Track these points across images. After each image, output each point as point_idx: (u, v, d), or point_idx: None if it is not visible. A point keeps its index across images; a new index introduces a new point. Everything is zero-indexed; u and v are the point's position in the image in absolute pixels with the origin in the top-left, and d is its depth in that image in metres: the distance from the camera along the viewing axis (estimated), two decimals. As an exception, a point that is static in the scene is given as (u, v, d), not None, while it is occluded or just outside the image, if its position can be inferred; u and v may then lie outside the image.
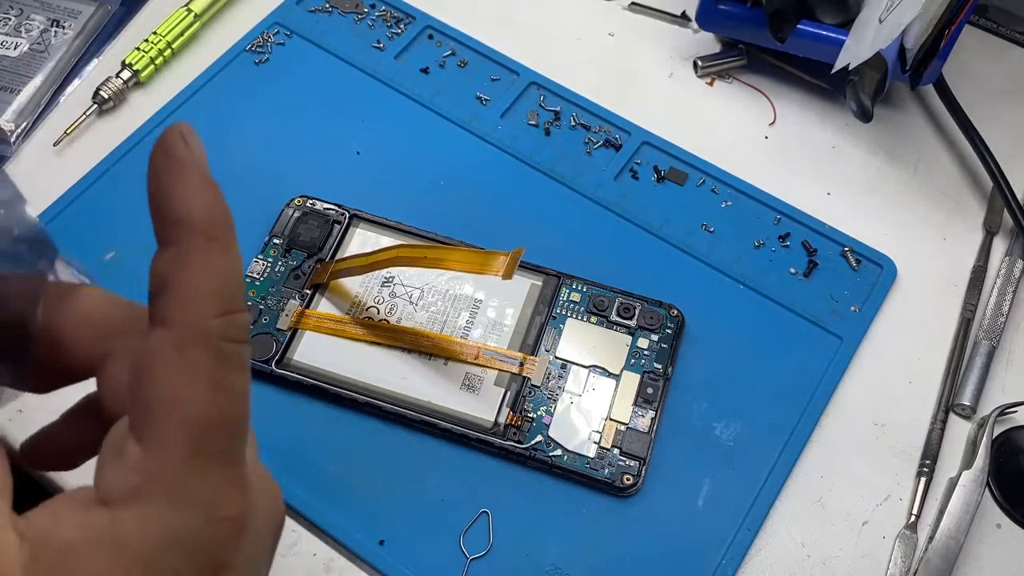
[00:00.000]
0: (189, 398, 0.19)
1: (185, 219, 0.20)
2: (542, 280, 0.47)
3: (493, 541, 0.41)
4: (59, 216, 0.49)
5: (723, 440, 0.44)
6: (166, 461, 0.19)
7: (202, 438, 0.20)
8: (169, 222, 0.20)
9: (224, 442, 0.20)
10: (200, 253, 0.20)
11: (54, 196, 0.50)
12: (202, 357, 0.20)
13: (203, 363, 0.20)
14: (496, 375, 0.44)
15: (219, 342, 0.20)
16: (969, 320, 0.48)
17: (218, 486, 0.20)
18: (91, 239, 0.48)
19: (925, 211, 0.52)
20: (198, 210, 0.20)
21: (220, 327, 0.20)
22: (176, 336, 0.20)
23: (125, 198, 0.50)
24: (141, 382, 0.20)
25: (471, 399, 0.43)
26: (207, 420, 0.20)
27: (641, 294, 0.46)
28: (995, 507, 0.43)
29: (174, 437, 0.19)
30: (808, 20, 0.52)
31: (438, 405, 0.43)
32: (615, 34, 0.59)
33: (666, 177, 0.52)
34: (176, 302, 0.20)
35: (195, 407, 0.19)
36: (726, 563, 0.41)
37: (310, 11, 0.58)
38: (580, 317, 0.46)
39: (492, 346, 0.45)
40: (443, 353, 0.44)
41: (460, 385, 0.44)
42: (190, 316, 0.20)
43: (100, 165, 0.51)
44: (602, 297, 0.46)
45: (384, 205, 0.49)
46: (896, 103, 0.57)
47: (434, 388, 0.44)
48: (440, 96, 0.54)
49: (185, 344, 0.20)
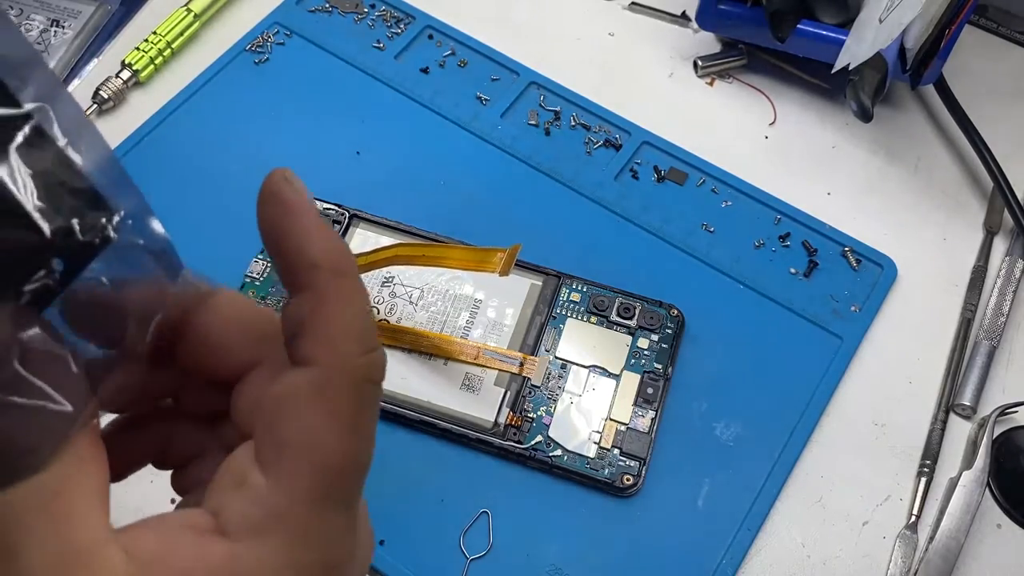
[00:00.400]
0: (326, 441, 0.19)
1: (319, 262, 0.20)
2: (542, 280, 0.47)
3: (493, 541, 0.41)
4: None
5: (723, 440, 0.44)
6: (294, 501, 0.19)
7: (332, 482, 0.19)
8: (303, 268, 0.20)
9: (350, 486, 0.20)
10: (340, 294, 0.20)
11: (54, 196, 0.50)
12: (344, 399, 0.20)
13: (345, 405, 0.20)
14: (496, 375, 0.44)
15: (361, 383, 0.20)
16: (969, 320, 0.48)
17: (337, 530, 0.20)
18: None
19: (925, 211, 0.52)
20: (329, 252, 0.20)
21: (364, 367, 0.20)
22: (320, 376, 0.19)
23: (125, 198, 0.50)
24: (279, 419, 0.19)
25: (471, 399, 0.43)
26: (340, 464, 0.19)
27: (641, 294, 0.46)
28: (995, 507, 0.43)
29: (306, 478, 0.19)
30: (808, 20, 0.52)
31: (438, 405, 0.43)
32: (615, 34, 0.59)
33: (666, 177, 0.52)
34: (321, 343, 0.20)
35: (331, 451, 0.19)
36: (726, 563, 0.41)
37: (310, 11, 0.58)
38: (580, 317, 0.46)
39: (492, 346, 0.45)
40: (443, 353, 0.44)
41: (460, 385, 0.44)
42: (336, 357, 0.20)
43: (100, 165, 0.51)
44: (602, 297, 0.46)
45: (384, 205, 0.49)
46: (896, 103, 0.57)
47: (434, 388, 0.44)
48: (440, 96, 0.54)
49: (329, 385, 0.19)
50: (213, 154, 0.52)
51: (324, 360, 0.19)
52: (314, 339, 0.20)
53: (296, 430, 0.19)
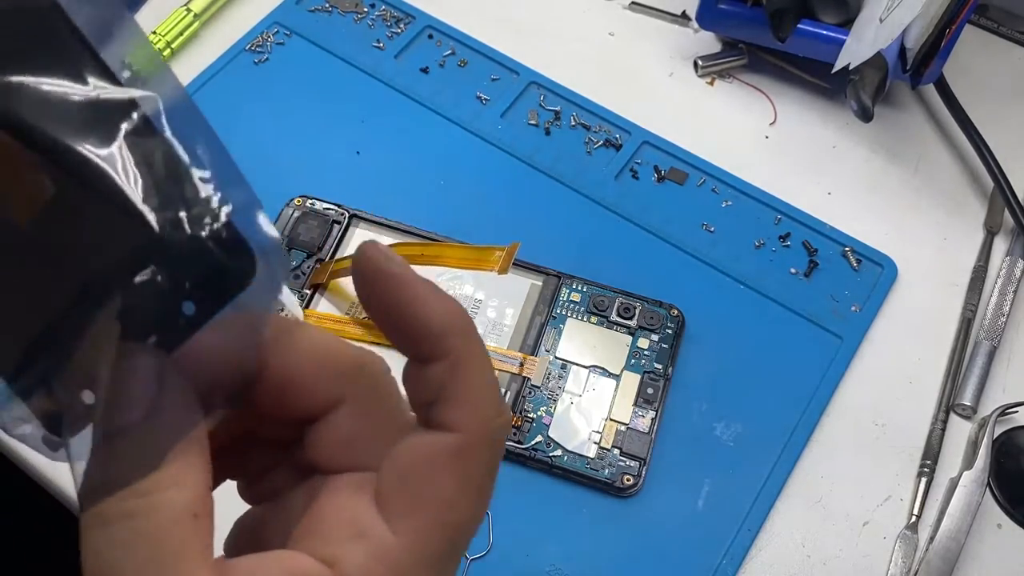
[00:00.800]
0: (460, 504, 0.20)
1: (448, 329, 0.20)
2: (542, 280, 0.47)
3: (493, 541, 0.41)
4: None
5: (723, 440, 0.44)
6: (420, 561, 0.19)
7: (458, 542, 0.20)
8: (431, 337, 0.20)
9: (467, 544, 0.21)
10: (475, 359, 0.20)
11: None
12: (483, 464, 0.20)
13: (482, 470, 0.20)
14: (496, 375, 0.44)
15: (497, 448, 0.20)
16: (970, 320, 0.48)
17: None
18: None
19: (926, 211, 0.52)
20: (454, 316, 0.20)
21: (500, 430, 0.20)
22: (463, 442, 0.20)
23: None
24: (416, 478, 0.20)
25: None
26: (468, 526, 0.20)
27: (641, 294, 0.46)
28: (996, 507, 0.43)
29: (436, 540, 0.19)
30: (808, 20, 0.52)
31: None
32: (615, 34, 0.59)
33: (666, 177, 0.52)
34: (464, 410, 0.20)
35: (463, 513, 0.20)
36: (726, 563, 0.41)
37: (310, 11, 0.57)
38: (580, 317, 0.46)
39: (492, 346, 0.44)
40: None
41: None
42: (479, 424, 0.20)
43: (100, 165, 0.51)
44: (602, 297, 0.46)
45: (384, 205, 0.49)
46: (897, 103, 0.56)
47: None
48: (440, 96, 0.54)
49: (471, 451, 0.20)
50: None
51: (467, 427, 0.20)
52: (456, 406, 0.20)
53: (434, 491, 0.19)
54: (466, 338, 0.20)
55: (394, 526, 0.19)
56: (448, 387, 0.20)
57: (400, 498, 0.20)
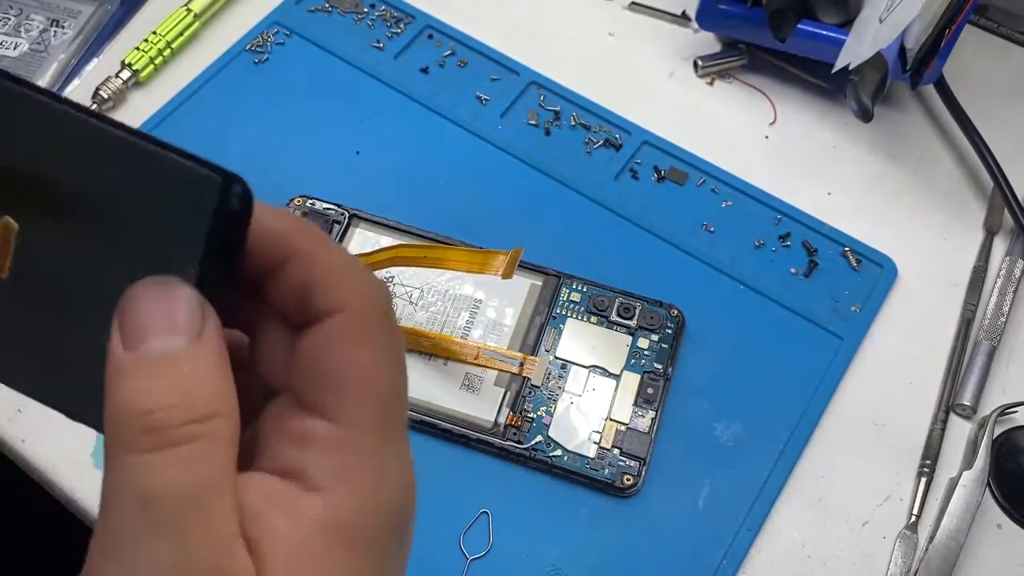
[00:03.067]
0: (378, 373, 0.20)
1: (286, 231, 0.21)
2: (542, 280, 0.47)
3: (493, 541, 0.41)
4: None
5: (723, 440, 0.44)
6: (367, 435, 0.20)
7: (392, 409, 0.20)
8: (275, 243, 0.21)
9: (404, 411, 0.21)
10: (324, 244, 0.21)
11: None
12: (382, 331, 0.20)
13: (384, 337, 0.20)
14: (496, 375, 0.44)
15: (388, 313, 0.21)
16: (969, 320, 0.48)
17: (404, 454, 0.21)
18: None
19: (925, 211, 0.52)
20: (287, 219, 0.21)
21: (385, 297, 0.21)
22: (354, 317, 0.20)
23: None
24: (327, 365, 0.20)
25: (471, 399, 0.43)
26: (394, 391, 0.20)
27: (641, 294, 0.46)
28: (995, 507, 0.43)
29: (371, 411, 0.20)
30: (808, 20, 0.52)
31: (438, 405, 0.43)
32: (615, 34, 0.59)
33: (666, 177, 0.52)
34: (340, 289, 0.20)
35: (384, 381, 0.20)
36: (726, 563, 0.41)
37: (310, 11, 0.57)
38: (580, 317, 0.46)
39: (492, 346, 0.44)
40: (443, 353, 0.44)
41: (460, 385, 0.44)
42: (360, 295, 0.20)
43: (100, 165, 0.51)
44: (602, 297, 0.46)
45: (384, 205, 0.49)
46: (896, 103, 0.57)
47: (434, 388, 0.43)
48: (440, 96, 0.54)
49: (366, 321, 0.20)
50: (213, 154, 0.51)
51: (351, 301, 0.20)
52: (330, 288, 0.20)
53: (349, 370, 0.20)
54: (307, 231, 0.21)
55: (329, 416, 0.20)
56: (311, 276, 0.20)
57: (319, 388, 0.20)
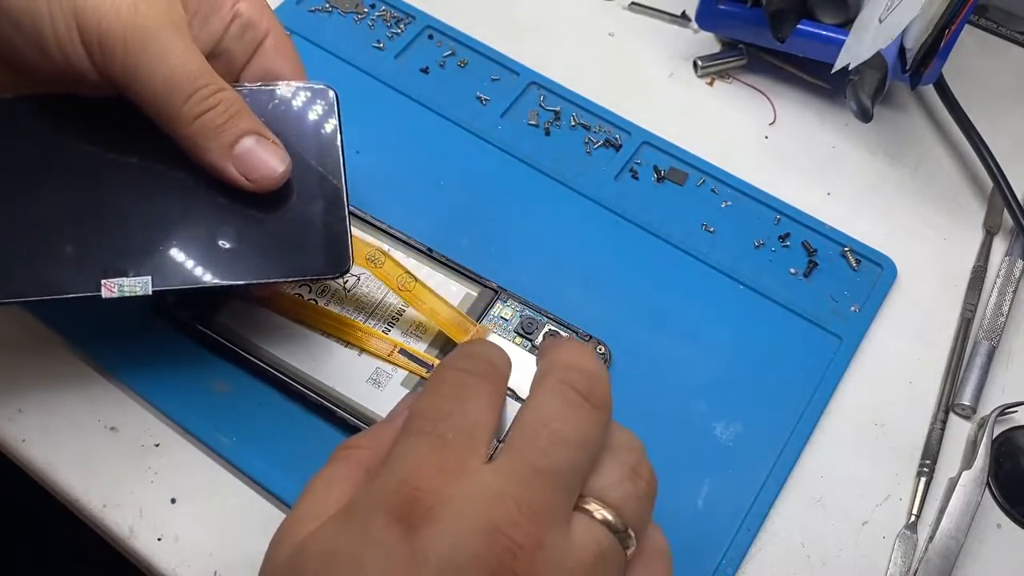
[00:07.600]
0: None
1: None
2: (479, 291, 0.46)
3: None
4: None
5: (723, 440, 0.44)
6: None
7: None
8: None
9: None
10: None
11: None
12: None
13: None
14: (405, 376, 0.43)
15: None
16: (969, 320, 0.48)
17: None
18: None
19: (925, 211, 0.52)
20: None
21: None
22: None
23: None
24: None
25: (373, 394, 0.43)
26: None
27: (574, 324, 0.45)
28: (995, 507, 0.43)
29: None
30: (808, 20, 0.52)
31: (339, 393, 0.42)
32: (615, 34, 0.59)
33: (666, 177, 0.52)
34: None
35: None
36: (726, 563, 0.41)
37: (310, 11, 0.58)
38: (506, 336, 0.44)
39: (410, 347, 0.44)
40: (357, 343, 0.44)
41: (367, 378, 0.43)
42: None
43: (100, 165, 0.51)
44: (532, 320, 0.45)
45: (382, 205, 0.49)
46: (896, 103, 0.57)
47: (341, 376, 0.43)
48: (440, 96, 0.54)
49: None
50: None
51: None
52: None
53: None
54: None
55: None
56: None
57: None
